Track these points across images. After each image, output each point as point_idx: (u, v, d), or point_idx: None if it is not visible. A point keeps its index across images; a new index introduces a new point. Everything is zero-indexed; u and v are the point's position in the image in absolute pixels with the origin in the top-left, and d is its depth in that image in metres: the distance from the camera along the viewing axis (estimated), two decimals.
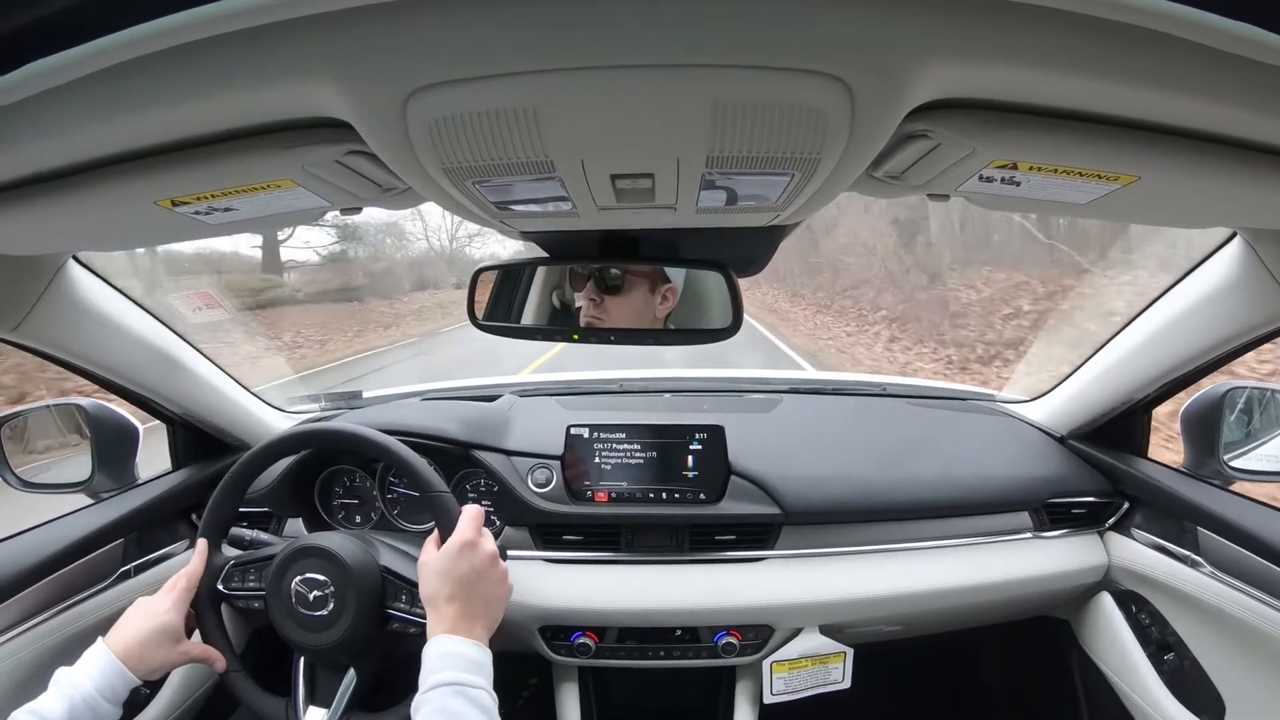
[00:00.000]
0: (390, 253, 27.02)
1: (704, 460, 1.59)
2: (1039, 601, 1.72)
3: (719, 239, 1.12)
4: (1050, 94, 0.61)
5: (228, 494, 1.38)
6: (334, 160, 0.73)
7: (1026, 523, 1.68)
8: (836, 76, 0.54)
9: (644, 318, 1.25)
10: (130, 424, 1.60)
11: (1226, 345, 1.30)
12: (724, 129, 0.60)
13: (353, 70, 0.54)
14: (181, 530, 1.67)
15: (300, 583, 1.26)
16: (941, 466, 1.70)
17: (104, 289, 1.33)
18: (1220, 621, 1.36)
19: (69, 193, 0.76)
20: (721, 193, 0.79)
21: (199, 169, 0.72)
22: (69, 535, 1.39)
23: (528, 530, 1.63)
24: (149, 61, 0.50)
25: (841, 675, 1.62)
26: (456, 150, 0.63)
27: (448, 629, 1.09)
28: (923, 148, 0.72)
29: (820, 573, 1.59)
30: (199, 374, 1.62)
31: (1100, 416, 1.69)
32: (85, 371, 1.38)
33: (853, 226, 16.97)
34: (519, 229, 1.05)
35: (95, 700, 1.07)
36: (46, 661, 1.28)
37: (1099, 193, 0.80)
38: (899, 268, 14.29)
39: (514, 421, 1.78)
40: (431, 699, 0.99)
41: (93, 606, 1.40)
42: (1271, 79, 0.52)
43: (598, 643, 1.57)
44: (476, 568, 1.16)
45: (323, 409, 2.04)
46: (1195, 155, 0.69)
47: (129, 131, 0.65)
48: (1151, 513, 1.59)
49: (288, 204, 0.87)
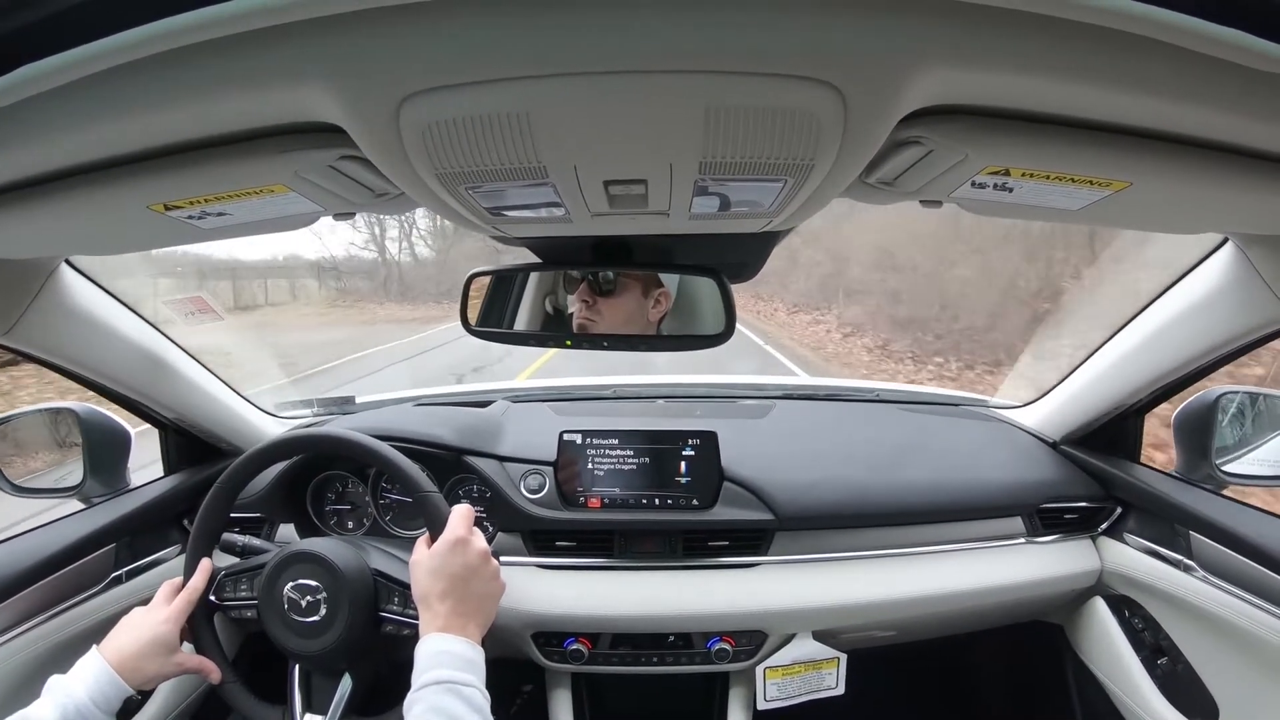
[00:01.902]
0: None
1: (697, 466, 1.59)
2: (1032, 606, 1.72)
3: (712, 245, 1.12)
4: (1042, 100, 0.61)
5: (220, 500, 1.37)
6: (327, 165, 0.73)
7: (1019, 528, 1.68)
8: (829, 83, 0.54)
9: (637, 321, 1.26)
10: (122, 429, 1.60)
11: (1219, 350, 1.31)
12: (717, 135, 0.60)
13: (346, 75, 0.54)
14: (173, 535, 1.67)
15: (292, 589, 1.25)
16: (934, 472, 1.70)
17: (97, 293, 1.33)
18: (1213, 626, 1.36)
19: (62, 196, 0.76)
20: (714, 199, 0.79)
21: (192, 173, 0.72)
22: (60, 540, 1.38)
23: (520, 536, 1.63)
24: (143, 65, 0.50)
25: (835, 681, 1.62)
26: (450, 156, 0.63)
27: (440, 627, 1.09)
28: (915, 154, 0.72)
29: (813, 578, 1.59)
30: (191, 378, 1.61)
31: (1093, 422, 1.70)
32: (77, 376, 1.38)
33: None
34: (512, 234, 1.05)
35: (88, 709, 1.06)
36: (38, 667, 1.27)
37: (1091, 199, 0.80)
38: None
39: (507, 427, 1.77)
40: (423, 697, 0.99)
41: (84, 612, 1.39)
42: (1261, 84, 0.52)
43: (591, 649, 1.56)
44: (469, 564, 1.16)
45: (315, 414, 2.04)
46: (1187, 161, 0.69)
47: (122, 135, 0.65)
48: (1144, 517, 1.60)
49: (280, 209, 0.87)
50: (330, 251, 29.40)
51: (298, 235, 25.80)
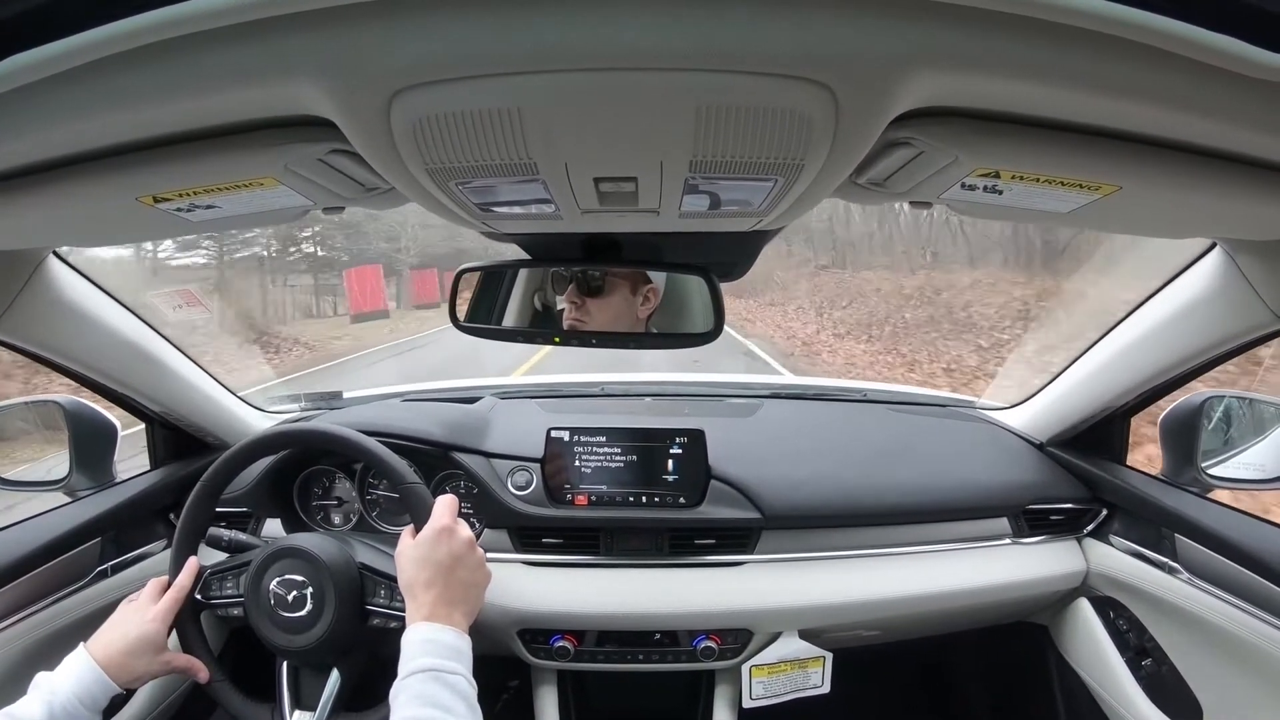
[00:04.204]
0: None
1: (684, 464, 1.59)
2: (1017, 607, 1.73)
3: (702, 243, 1.12)
4: (1034, 104, 0.61)
5: (205, 495, 1.37)
6: (317, 159, 0.73)
7: (1005, 529, 1.69)
8: (821, 83, 0.54)
9: (626, 319, 1.26)
10: (109, 422, 1.59)
11: (1205, 354, 1.31)
12: (707, 134, 0.60)
13: (337, 69, 0.54)
14: (159, 530, 1.66)
15: (278, 584, 1.25)
16: (921, 472, 1.70)
17: (84, 285, 1.32)
18: (1197, 628, 1.37)
19: (50, 187, 0.76)
20: (704, 197, 0.79)
21: (181, 165, 0.72)
22: (45, 534, 1.37)
23: (507, 533, 1.63)
24: (133, 57, 0.50)
25: (821, 679, 1.62)
26: (440, 151, 0.63)
27: (426, 616, 1.09)
28: (906, 155, 0.72)
29: (799, 577, 1.59)
30: (178, 372, 1.60)
31: (1079, 424, 1.70)
32: (64, 368, 1.37)
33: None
34: (502, 230, 1.05)
35: (74, 707, 1.06)
36: (22, 662, 1.27)
37: (1080, 202, 0.80)
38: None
39: (494, 424, 1.77)
40: (409, 685, 0.99)
41: (69, 606, 1.38)
42: (1252, 91, 0.52)
43: (577, 646, 1.56)
44: (454, 553, 1.15)
45: (303, 409, 2.04)
46: (1176, 166, 0.69)
47: (112, 127, 0.65)
48: (1130, 519, 1.61)
49: (270, 202, 0.86)
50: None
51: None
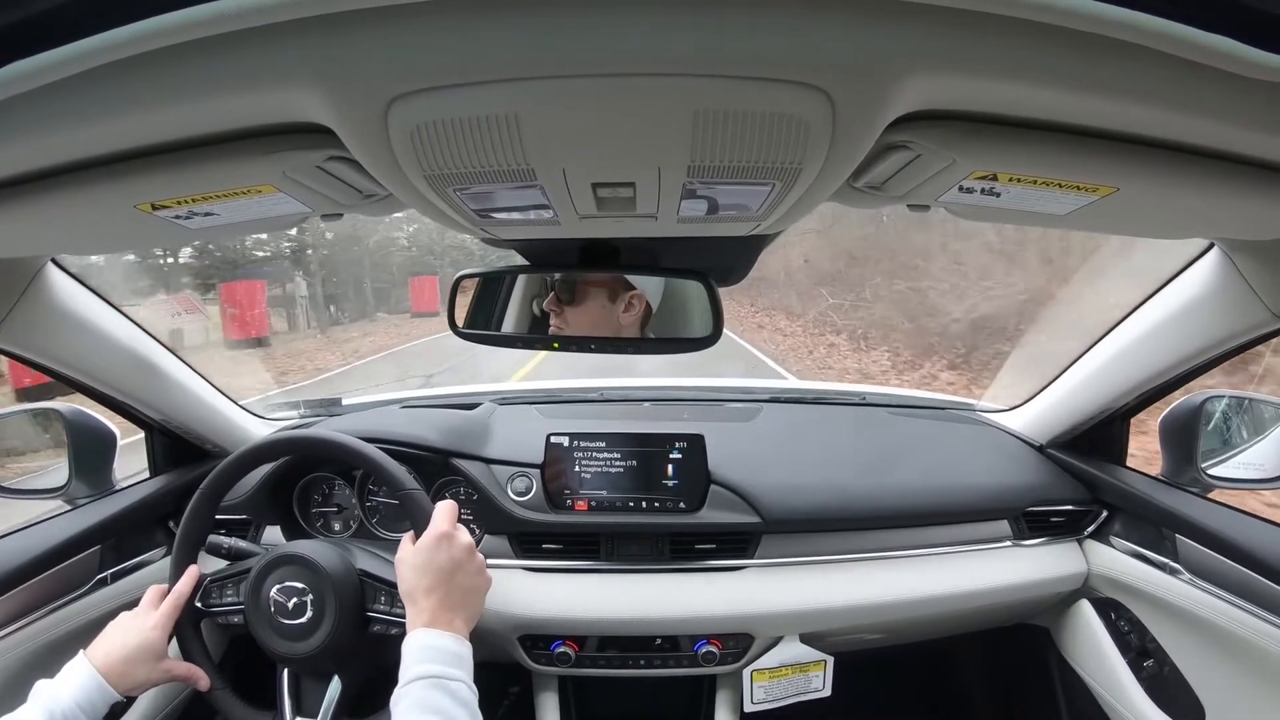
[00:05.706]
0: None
1: (684, 469, 1.59)
2: (1019, 609, 1.73)
3: (700, 248, 1.12)
4: (1030, 106, 0.61)
5: (205, 502, 1.37)
6: (315, 166, 0.73)
7: (1006, 531, 1.69)
8: (818, 87, 0.54)
9: (606, 325, 1.26)
10: (108, 430, 1.59)
11: (1204, 354, 1.32)
12: (705, 139, 0.60)
13: (334, 76, 0.54)
14: (159, 537, 1.66)
15: (278, 591, 1.25)
16: (921, 475, 1.70)
17: (83, 293, 1.32)
18: (1199, 628, 1.37)
19: (48, 195, 0.75)
20: (702, 202, 0.79)
21: (179, 173, 0.72)
22: (45, 542, 1.37)
23: (507, 539, 1.62)
24: (130, 65, 0.50)
25: (822, 683, 1.62)
26: (438, 157, 0.63)
27: (426, 622, 1.09)
28: (903, 158, 0.72)
29: (800, 581, 1.59)
30: (177, 379, 1.60)
31: (1079, 425, 1.70)
32: (63, 376, 1.37)
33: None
34: (500, 236, 1.05)
35: (75, 714, 1.06)
36: (22, 670, 1.26)
37: (1078, 204, 0.80)
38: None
39: (494, 430, 1.77)
40: (410, 692, 0.99)
41: (69, 614, 1.38)
42: (1248, 91, 0.52)
43: (578, 652, 1.56)
44: (454, 558, 1.15)
45: (302, 416, 2.03)
46: (1174, 167, 0.69)
47: (109, 134, 0.64)
48: (1130, 521, 1.61)
49: (268, 209, 0.86)
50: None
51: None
